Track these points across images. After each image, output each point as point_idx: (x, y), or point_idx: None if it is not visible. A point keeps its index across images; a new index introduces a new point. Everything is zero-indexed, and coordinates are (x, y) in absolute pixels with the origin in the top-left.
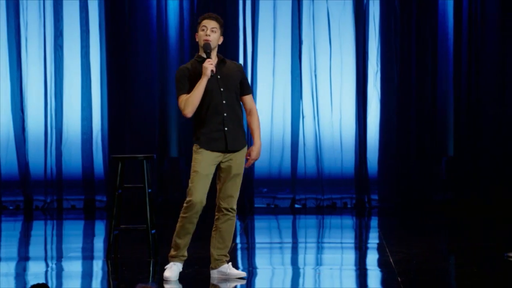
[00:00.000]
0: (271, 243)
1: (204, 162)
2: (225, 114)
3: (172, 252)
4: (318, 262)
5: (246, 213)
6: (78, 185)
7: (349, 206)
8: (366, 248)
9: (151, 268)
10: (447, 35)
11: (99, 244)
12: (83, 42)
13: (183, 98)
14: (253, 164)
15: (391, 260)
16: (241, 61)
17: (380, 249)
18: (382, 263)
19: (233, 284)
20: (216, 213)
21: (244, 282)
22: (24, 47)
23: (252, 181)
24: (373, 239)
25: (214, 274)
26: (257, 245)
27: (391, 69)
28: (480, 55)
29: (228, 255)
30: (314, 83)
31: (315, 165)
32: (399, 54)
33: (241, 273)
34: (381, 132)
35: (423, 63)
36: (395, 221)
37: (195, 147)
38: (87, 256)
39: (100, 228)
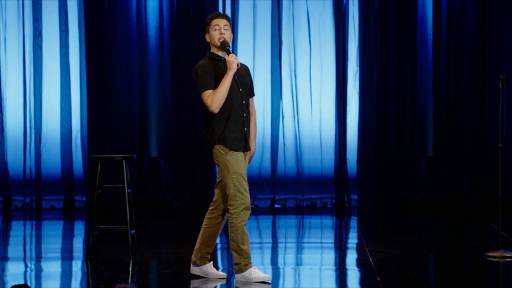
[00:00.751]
0: (251, 243)
1: (241, 162)
2: (244, 114)
3: (245, 261)
4: (298, 262)
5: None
6: (57, 185)
7: (328, 206)
8: (346, 248)
9: (130, 268)
10: (426, 36)
11: (78, 244)
12: (62, 42)
13: (208, 93)
14: None
15: (370, 260)
16: None
17: (360, 249)
18: (361, 263)
19: (213, 285)
20: (213, 210)
21: (224, 282)
22: (3, 47)
23: None
24: (353, 239)
25: (195, 271)
26: None
27: (371, 69)
28: (459, 56)
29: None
30: (294, 83)
31: (295, 165)
32: (379, 54)
33: (222, 273)
34: (360, 132)
35: (403, 63)
36: (375, 221)
37: (221, 149)
38: (67, 256)
39: (79, 229)
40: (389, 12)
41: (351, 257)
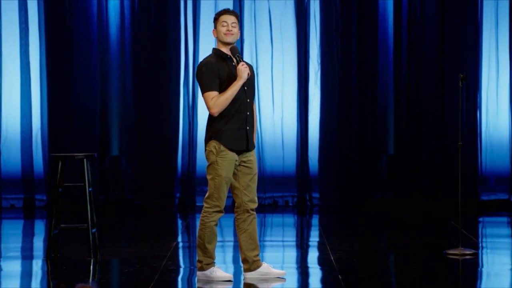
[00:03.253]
0: None
1: (230, 166)
2: (248, 113)
3: (208, 260)
4: (260, 260)
5: (188, 211)
6: (17, 184)
7: (290, 204)
8: (307, 246)
9: (91, 268)
10: (387, 34)
11: (38, 243)
12: (22, 40)
13: (212, 95)
14: (194, 162)
15: (332, 258)
16: (182, 60)
17: (321, 247)
18: (323, 261)
19: (275, 283)
20: (239, 216)
21: (284, 281)
22: None
23: (194, 179)
24: (314, 237)
25: (253, 275)
26: None
27: (332, 67)
28: (420, 55)
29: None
30: (256, 82)
31: (256, 163)
32: (340, 53)
33: (282, 272)
34: (322, 131)
35: (364, 62)
36: (336, 219)
37: (216, 146)
38: (27, 255)
39: (40, 228)
40: (350, 11)
41: (313, 256)
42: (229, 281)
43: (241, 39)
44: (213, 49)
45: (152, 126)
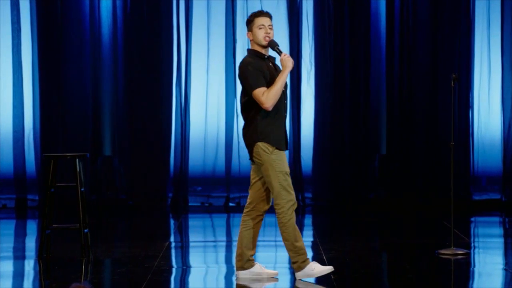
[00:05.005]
0: (205, 241)
1: (285, 161)
2: (285, 114)
3: (302, 257)
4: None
5: (180, 211)
6: (9, 184)
7: None
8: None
9: (83, 267)
10: (379, 34)
11: (31, 243)
12: (14, 40)
13: (262, 90)
14: (187, 162)
15: (324, 258)
16: (175, 59)
17: (314, 247)
18: (315, 261)
19: (268, 283)
20: (249, 213)
21: (276, 281)
22: None
23: (186, 179)
24: (307, 237)
25: (246, 275)
26: (191, 244)
27: (325, 67)
28: (412, 55)
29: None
30: None
31: (249, 163)
32: (333, 53)
33: (274, 272)
34: (315, 130)
35: (356, 62)
36: (329, 219)
37: (265, 147)
38: (19, 255)
39: (32, 228)
40: (343, 10)
41: None
42: (332, 273)
43: (234, 39)
44: (249, 50)
45: (144, 126)
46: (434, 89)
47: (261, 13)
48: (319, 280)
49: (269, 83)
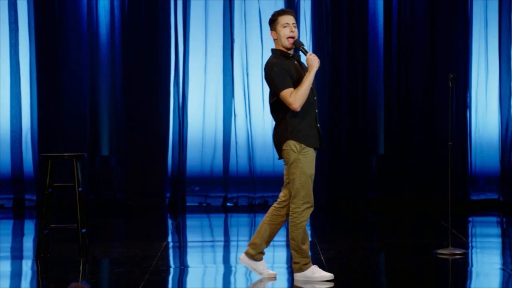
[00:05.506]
0: (203, 241)
1: (312, 162)
2: (316, 111)
3: (305, 260)
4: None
5: (178, 211)
6: (7, 184)
7: None
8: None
9: (81, 267)
10: (377, 34)
11: (28, 243)
12: (12, 41)
13: (289, 91)
14: (185, 162)
15: (322, 258)
16: (172, 59)
17: (311, 247)
18: (313, 261)
19: (267, 283)
20: (280, 209)
21: (274, 280)
22: None
23: (184, 179)
24: None
25: (244, 263)
26: (188, 244)
27: (322, 67)
28: (410, 55)
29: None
30: (246, 82)
31: (247, 164)
32: (330, 53)
33: (273, 272)
34: None
35: (354, 62)
36: (326, 219)
37: (296, 145)
38: (16, 256)
39: (29, 228)
40: (341, 11)
41: None
42: (331, 280)
43: (231, 39)
44: (273, 50)
45: (142, 126)
46: (431, 89)
47: (284, 12)
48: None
49: (295, 82)
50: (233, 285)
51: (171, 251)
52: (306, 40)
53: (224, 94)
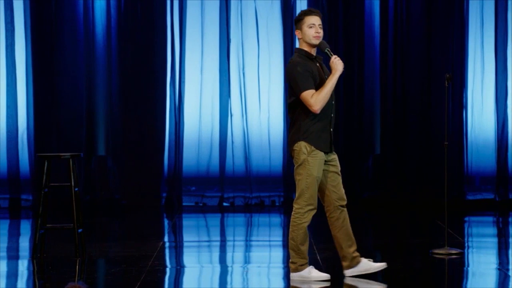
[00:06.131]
0: (199, 241)
1: (320, 165)
2: (332, 115)
3: (302, 261)
4: (246, 260)
5: (174, 211)
6: (3, 184)
7: (277, 204)
8: None
9: (77, 267)
10: (373, 34)
11: (24, 243)
12: (8, 40)
13: (311, 93)
14: (181, 162)
15: (318, 258)
16: (169, 59)
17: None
18: (309, 261)
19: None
20: (331, 214)
21: (384, 286)
22: None
23: (180, 179)
24: None
25: (354, 272)
26: (185, 244)
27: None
28: (406, 55)
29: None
30: (242, 82)
31: (243, 163)
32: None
33: (382, 264)
34: None
35: (350, 61)
36: (322, 219)
37: (306, 147)
38: (13, 255)
39: (25, 227)
40: (337, 10)
41: None
42: (327, 280)
43: (228, 39)
44: (298, 49)
45: (138, 125)
46: (427, 89)
47: (311, 12)
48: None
49: (317, 84)
50: (229, 285)
51: (167, 251)
52: None
53: (220, 94)
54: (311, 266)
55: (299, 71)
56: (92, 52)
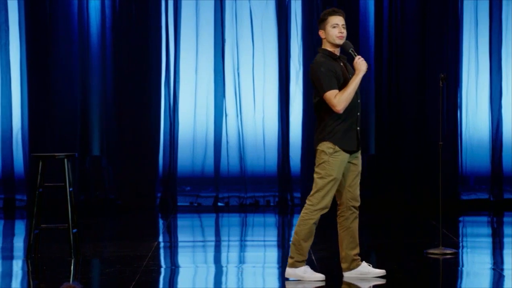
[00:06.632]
0: (194, 241)
1: (341, 167)
2: (358, 113)
3: (301, 257)
4: (241, 260)
5: (169, 211)
6: None
7: (272, 204)
8: (289, 246)
9: (72, 268)
10: (368, 34)
11: (19, 243)
12: (2, 40)
13: (334, 93)
14: (175, 162)
15: (313, 258)
16: (163, 59)
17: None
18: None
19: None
20: (342, 213)
21: (383, 281)
22: None
23: (175, 179)
24: None
25: (352, 274)
26: (180, 244)
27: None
28: (400, 55)
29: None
30: (237, 82)
31: (238, 163)
32: None
33: (381, 271)
34: (303, 130)
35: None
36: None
37: (331, 147)
38: (7, 256)
39: (20, 228)
40: None
41: None
42: (321, 281)
43: (222, 39)
44: (321, 49)
45: (133, 126)
46: (422, 89)
47: (335, 12)
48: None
49: (341, 84)
50: (224, 285)
51: (162, 251)
52: (297, 40)
53: (215, 94)
54: (307, 266)
55: (323, 71)
56: (87, 52)
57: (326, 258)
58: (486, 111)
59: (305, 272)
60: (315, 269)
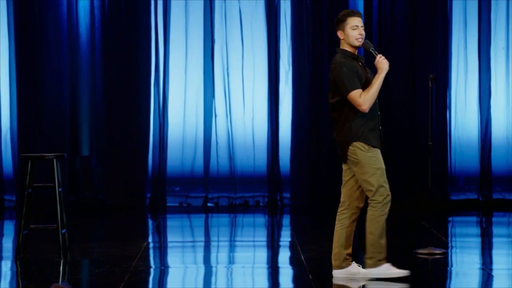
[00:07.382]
0: (183, 242)
1: (381, 158)
2: (379, 113)
3: (381, 255)
4: (231, 261)
5: (159, 211)
6: None
7: (261, 204)
8: (278, 246)
9: (61, 268)
10: None
11: (7, 244)
12: None
13: (358, 93)
14: (165, 162)
15: (302, 258)
16: (153, 59)
17: (292, 247)
18: (293, 261)
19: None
20: (344, 211)
21: (373, 282)
22: None
23: (164, 179)
24: (285, 237)
25: (342, 274)
26: (169, 244)
27: (303, 68)
28: (390, 55)
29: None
30: (226, 82)
31: (227, 164)
32: (311, 53)
33: (405, 271)
34: (293, 131)
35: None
36: (307, 219)
37: (364, 146)
38: None
39: (9, 228)
40: (321, 10)
41: (284, 255)
42: (404, 278)
43: (212, 39)
44: (341, 49)
45: (122, 126)
46: (411, 89)
47: (354, 13)
48: (298, 281)
49: (362, 84)
50: (213, 285)
51: (151, 252)
52: (287, 40)
53: (204, 94)
54: (389, 263)
55: (345, 72)
56: (76, 52)
57: (315, 258)
58: (475, 111)
59: (389, 269)
60: (304, 269)
